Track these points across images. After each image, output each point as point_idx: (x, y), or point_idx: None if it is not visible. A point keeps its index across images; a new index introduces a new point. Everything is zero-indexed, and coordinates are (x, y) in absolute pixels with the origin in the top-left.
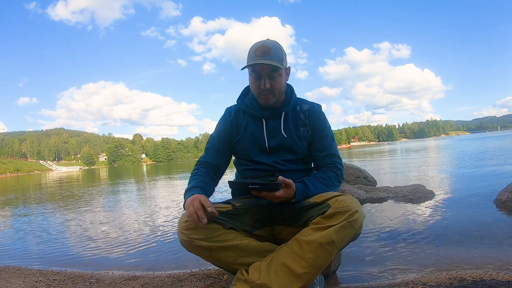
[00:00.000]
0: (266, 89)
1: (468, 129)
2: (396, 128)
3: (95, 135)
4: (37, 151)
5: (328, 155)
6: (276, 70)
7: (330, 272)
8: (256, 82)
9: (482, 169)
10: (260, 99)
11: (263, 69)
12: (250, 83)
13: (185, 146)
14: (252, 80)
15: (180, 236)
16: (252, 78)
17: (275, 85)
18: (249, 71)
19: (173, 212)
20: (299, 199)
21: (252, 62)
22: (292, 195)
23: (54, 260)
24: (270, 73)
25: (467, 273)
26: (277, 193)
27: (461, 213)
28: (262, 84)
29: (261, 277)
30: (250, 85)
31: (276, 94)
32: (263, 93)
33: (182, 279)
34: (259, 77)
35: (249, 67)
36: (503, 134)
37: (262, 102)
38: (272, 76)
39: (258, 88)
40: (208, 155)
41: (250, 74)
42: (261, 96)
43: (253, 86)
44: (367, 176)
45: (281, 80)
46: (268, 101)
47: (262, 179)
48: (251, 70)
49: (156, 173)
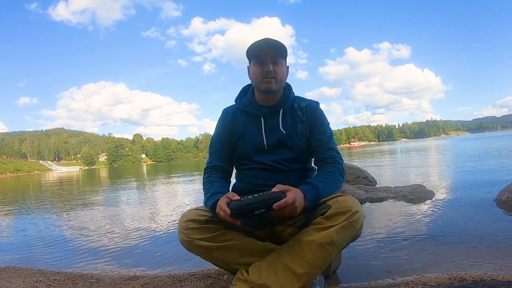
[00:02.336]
0: (270, 72)
1: (468, 129)
2: (396, 128)
3: (95, 135)
4: (37, 151)
5: (327, 150)
6: (279, 56)
7: (330, 272)
8: (259, 68)
9: (482, 169)
10: (262, 85)
11: (267, 54)
12: (252, 72)
13: (185, 146)
14: (255, 67)
15: (180, 236)
16: (255, 65)
17: (278, 71)
18: (251, 62)
19: (173, 212)
20: (312, 201)
21: (257, 41)
22: (302, 196)
23: (54, 260)
24: (273, 58)
25: (467, 273)
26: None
27: (461, 213)
28: (266, 67)
29: (261, 277)
30: (252, 74)
31: (278, 81)
32: (267, 76)
33: (182, 279)
34: (262, 62)
35: (253, 55)
36: (503, 134)
37: (264, 88)
38: (275, 61)
39: (262, 72)
40: (213, 159)
41: (252, 64)
42: (264, 80)
43: (255, 73)
44: (367, 176)
45: (283, 68)
46: (271, 86)
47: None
48: (254, 57)
49: (156, 173)
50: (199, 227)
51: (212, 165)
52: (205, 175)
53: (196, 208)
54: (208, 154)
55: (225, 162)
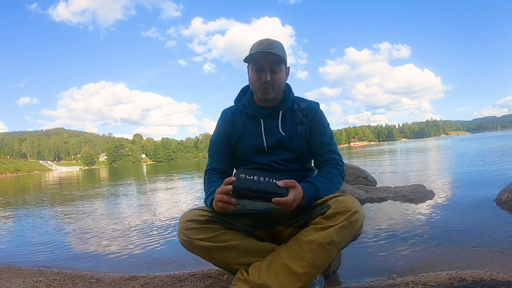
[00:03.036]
0: (267, 82)
1: (468, 129)
2: (396, 128)
3: (95, 135)
4: (37, 151)
5: (328, 152)
6: (277, 63)
7: (330, 272)
8: (257, 75)
9: (482, 169)
10: (259, 93)
11: (265, 61)
12: (250, 77)
13: (185, 146)
14: (252, 73)
15: (180, 236)
16: (253, 71)
17: (276, 79)
18: (249, 65)
19: (173, 212)
20: (309, 199)
21: (255, 51)
22: (302, 196)
23: (54, 260)
24: (271, 66)
25: (467, 273)
26: (286, 198)
27: (461, 213)
28: (264, 77)
29: (261, 277)
30: (250, 79)
31: (276, 89)
32: (264, 85)
33: (182, 279)
34: (260, 70)
35: (251, 60)
36: (503, 134)
37: (260, 96)
38: (274, 70)
39: (259, 81)
40: (213, 161)
41: (251, 68)
42: (260, 89)
43: (253, 80)
44: (367, 176)
45: (282, 75)
46: (267, 95)
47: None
48: (253, 63)
49: (156, 174)
50: (199, 227)
51: (212, 167)
52: (206, 176)
53: (196, 208)
54: (208, 156)
55: (225, 164)
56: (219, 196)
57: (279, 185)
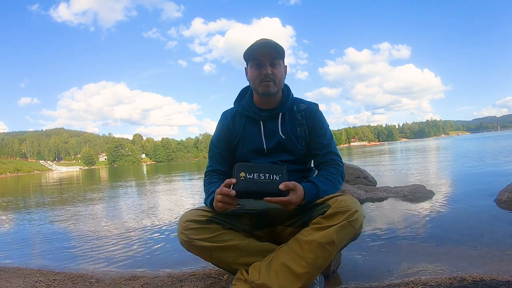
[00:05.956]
0: (268, 75)
1: (468, 129)
2: (396, 128)
3: (95, 135)
4: (37, 151)
5: (328, 153)
6: (277, 57)
7: (330, 272)
8: (258, 70)
9: (482, 169)
10: (260, 88)
11: (265, 56)
12: (250, 75)
13: (185, 146)
14: (252, 70)
15: (180, 236)
16: (252, 68)
17: (276, 73)
18: (248, 64)
19: (173, 212)
20: (310, 199)
21: (254, 43)
22: (302, 197)
23: (54, 260)
24: (271, 60)
25: (467, 273)
26: (287, 198)
27: (461, 213)
28: (264, 70)
29: (261, 277)
30: (250, 77)
31: (277, 83)
32: (265, 79)
33: (182, 279)
34: (260, 64)
35: (250, 58)
36: (503, 134)
37: (262, 91)
38: (274, 64)
39: (260, 75)
40: (213, 163)
41: (250, 66)
42: (262, 84)
43: (253, 76)
44: (367, 176)
45: (282, 70)
46: (270, 89)
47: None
48: (252, 60)
49: (156, 174)
50: (199, 227)
51: (212, 169)
52: (206, 178)
53: (196, 208)
54: (208, 158)
55: (225, 165)
56: (219, 197)
57: (280, 188)
